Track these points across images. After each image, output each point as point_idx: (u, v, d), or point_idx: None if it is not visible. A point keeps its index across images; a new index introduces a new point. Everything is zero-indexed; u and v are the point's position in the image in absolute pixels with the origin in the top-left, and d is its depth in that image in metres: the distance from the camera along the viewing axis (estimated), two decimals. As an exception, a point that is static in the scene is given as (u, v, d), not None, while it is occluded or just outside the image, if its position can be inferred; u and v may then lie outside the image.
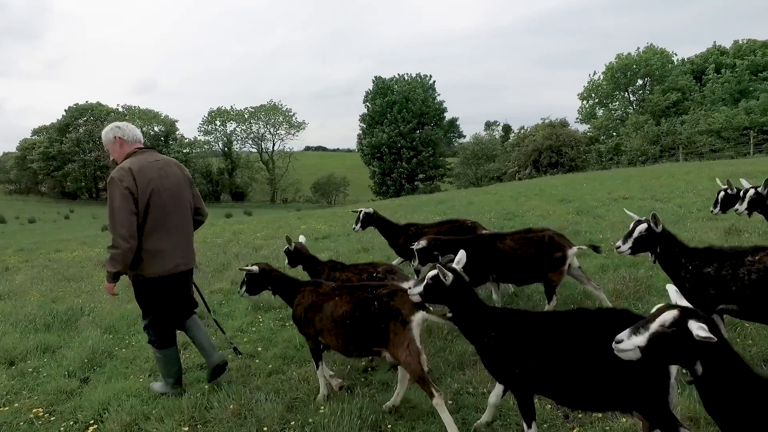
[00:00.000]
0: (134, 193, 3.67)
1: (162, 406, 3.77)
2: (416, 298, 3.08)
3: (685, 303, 2.00)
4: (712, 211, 6.13)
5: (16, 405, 4.16)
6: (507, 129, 60.87)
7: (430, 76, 55.56)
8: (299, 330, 3.93)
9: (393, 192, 52.13)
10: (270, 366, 4.49)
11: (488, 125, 76.47)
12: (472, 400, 3.61)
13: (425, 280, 3.02)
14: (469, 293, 2.98)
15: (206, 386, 4.14)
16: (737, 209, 5.15)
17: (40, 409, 4.03)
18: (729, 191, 5.78)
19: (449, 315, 3.05)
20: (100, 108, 60.72)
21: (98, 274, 9.77)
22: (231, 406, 3.64)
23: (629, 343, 1.93)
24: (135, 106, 61.97)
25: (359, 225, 6.52)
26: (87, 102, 61.12)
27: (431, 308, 3.32)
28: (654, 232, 3.65)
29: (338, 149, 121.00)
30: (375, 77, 54.58)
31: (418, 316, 3.21)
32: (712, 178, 13.68)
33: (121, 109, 61.66)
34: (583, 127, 44.15)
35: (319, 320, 3.60)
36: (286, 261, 5.22)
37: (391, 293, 3.32)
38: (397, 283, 3.52)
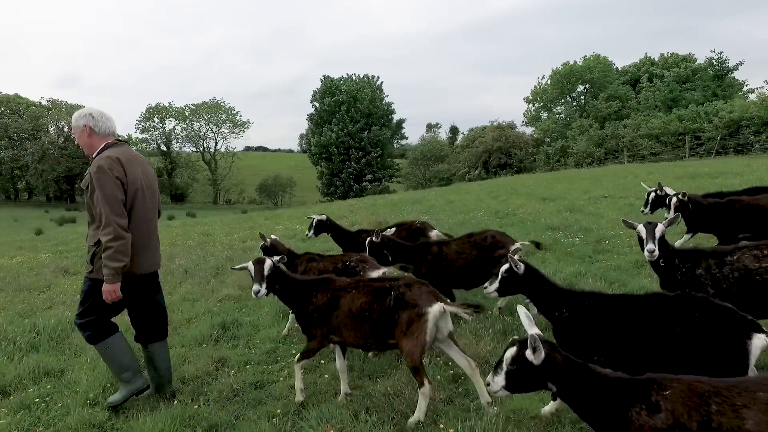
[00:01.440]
0: (125, 183, 3.48)
1: (243, 437, 3.16)
2: (493, 295, 3.39)
3: (534, 330, 2.22)
4: (642, 211, 6.51)
5: (37, 445, 3.38)
6: (454, 131, 62.05)
7: (378, 77, 55.51)
8: (305, 329, 3.68)
9: (341, 193, 51.41)
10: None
11: (430, 127, 77.78)
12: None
13: (499, 275, 3.30)
14: (542, 279, 3.22)
15: (278, 409, 3.56)
16: (666, 217, 5.43)
17: (75, 449, 3.29)
18: (658, 192, 6.29)
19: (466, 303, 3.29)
20: (18, 100, 55.02)
21: (63, 282, 8.64)
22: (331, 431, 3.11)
23: (496, 386, 2.22)
24: (62, 101, 56.78)
25: (312, 232, 6.58)
26: (2, 93, 55.31)
27: (448, 300, 3.38)
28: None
29: (279, 149, 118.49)
30: (324, 76, 53.73)
31: (435, 308, 3.20)
32: (678, 177, 14.46)
33: (45, 103, 56.22)
34: (528, 130, 45.80)
35: (335, 317, 3.49)
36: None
37: (408, 285, 3.33)
38: (413, 276, 3.53)
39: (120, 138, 3.79)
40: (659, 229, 3.69)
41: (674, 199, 5.36)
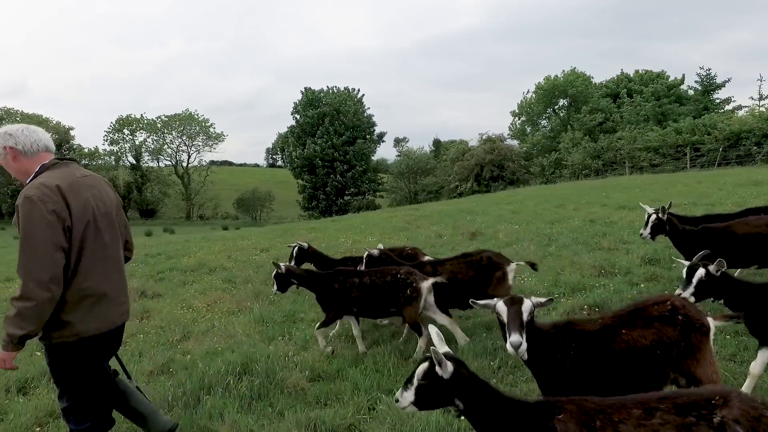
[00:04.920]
0: (66, 219, 2.63)
1: None
2: (691, 299, 3.29)
3: (444, 348, 2.26)
4: (641, 234, 6.46)
5: None
6: (438, 144, 62.22)
7: (358, 90, 54.94)
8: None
9: (323, 207, 50.20)
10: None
11: (398, 141, 78.01)
12: None
13: (695, 280, 3.34)
14: (737, 282, 3.47)
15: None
16: (641, 233, 5.59)
17: None
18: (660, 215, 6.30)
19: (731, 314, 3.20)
20: (-37, 110, 50.81)
21: (149, 305, 7.26)
22: None
23: (404, 401, 2.23)
24: (16, 109, 52.74)
25: (293, 261, 6.23)
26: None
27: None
28: None
29: (245, 164, 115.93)
30: (305, 88, 52.73)
31: (713, 325, 2.88)
32: (740, 185, 14.44)
33: (-4, 112, 52.19)
34: (514, 143, 46.29)
35: (607, 367, 2.75)
36: (275, 286, 5.02)
37: (682, 303, 2.88)
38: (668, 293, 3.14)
39: (64, 156, 2.97)
40: None
41: (652, 217, 5.46)
